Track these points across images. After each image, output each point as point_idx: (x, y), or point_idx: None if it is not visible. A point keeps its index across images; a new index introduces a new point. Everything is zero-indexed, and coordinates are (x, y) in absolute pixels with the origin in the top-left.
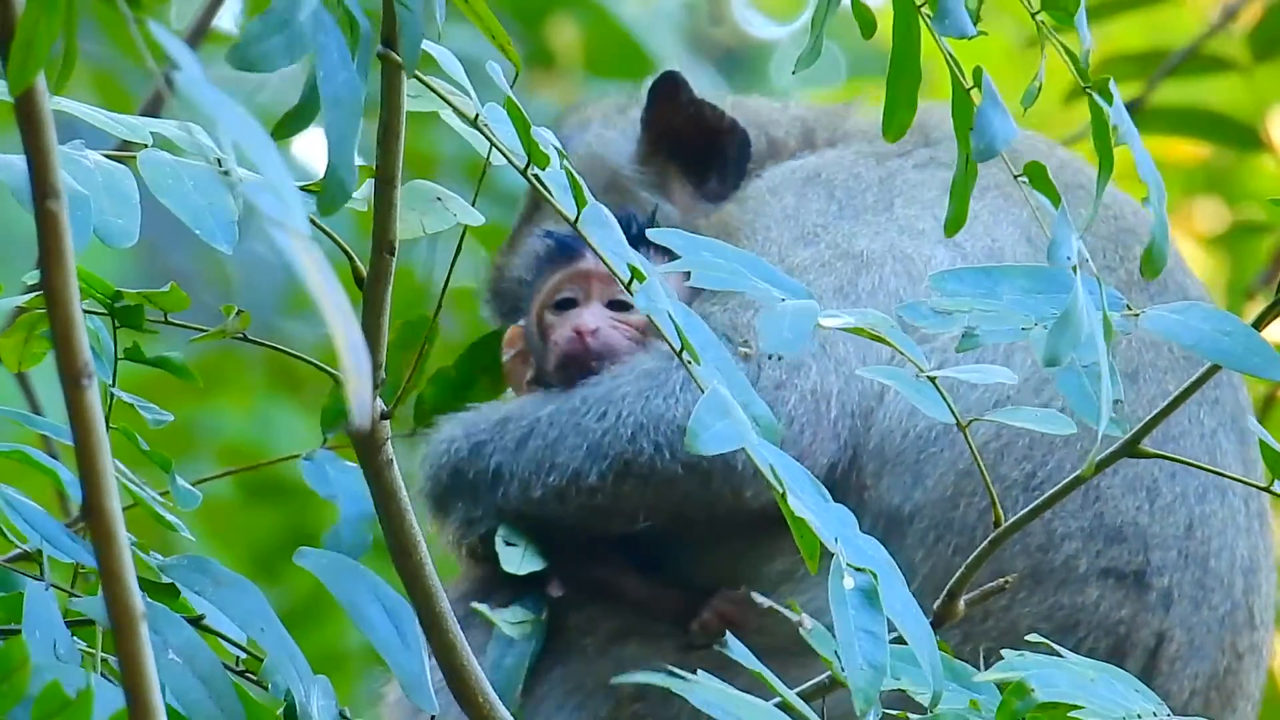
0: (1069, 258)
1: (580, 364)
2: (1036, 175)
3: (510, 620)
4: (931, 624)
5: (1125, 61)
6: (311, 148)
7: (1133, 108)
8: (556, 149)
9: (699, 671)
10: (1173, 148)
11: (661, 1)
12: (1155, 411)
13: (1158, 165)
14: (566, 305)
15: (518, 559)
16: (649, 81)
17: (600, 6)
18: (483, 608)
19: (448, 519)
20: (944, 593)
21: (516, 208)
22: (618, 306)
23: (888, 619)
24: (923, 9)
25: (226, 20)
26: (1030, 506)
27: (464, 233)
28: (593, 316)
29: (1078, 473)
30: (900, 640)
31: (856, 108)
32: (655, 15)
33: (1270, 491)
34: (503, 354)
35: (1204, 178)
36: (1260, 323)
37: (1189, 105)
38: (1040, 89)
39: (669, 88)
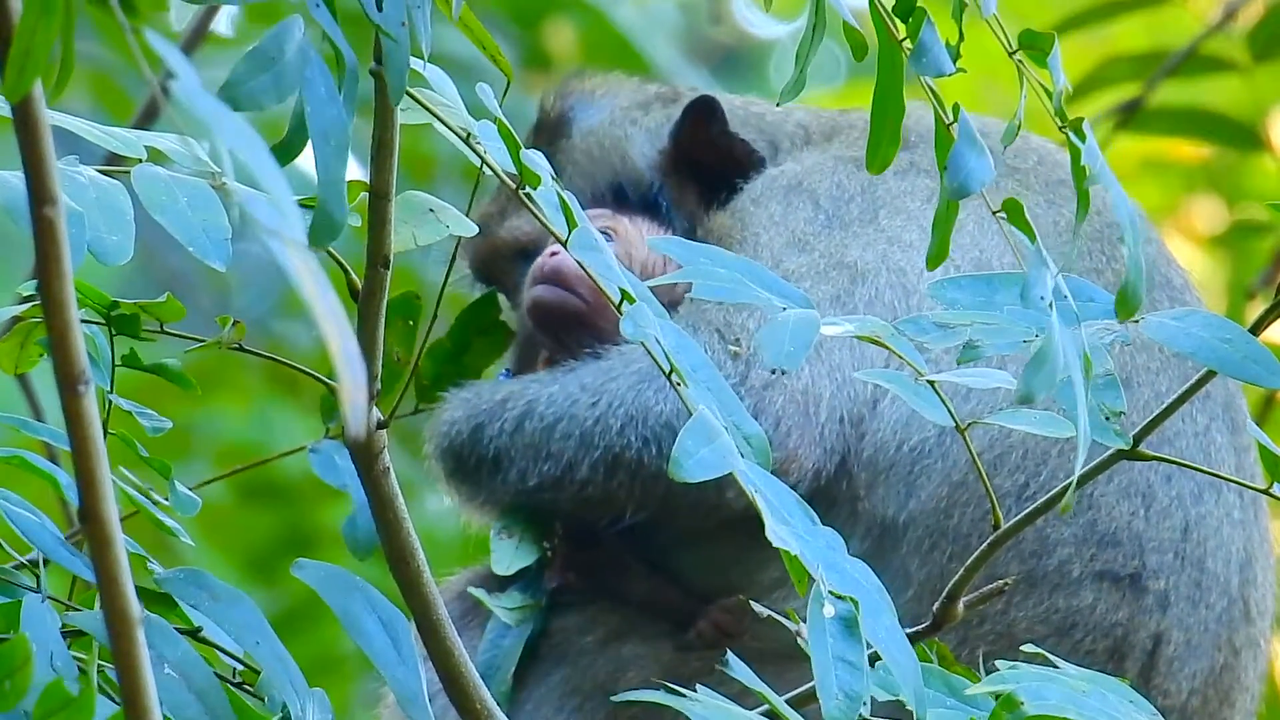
0: (1044, 297)
1: (539, 307)
2: (1013, 212)
3: (507, 606)
4: (931, 626)
5: (1125, 61)
6: (309, 156)
7: (1133, 108)
8: (550, 174)
9: (697, 686)
10: (1173, 147)
11: (658, 3)
12: (1150, 418)
13: (1158, 164)
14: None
15: (508, 556)
16: (687, 99)
17: (596, 9)
18: (479, 593)
19: (455, 499)
20: (943, 595)
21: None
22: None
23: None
24: (904, 43)
25: (224, 25)
26: (1028, 510)
27: (459, 241)
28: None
29: (1074, 477)
30: None
31: (854, 116)
32: (651, 17)
33: (1270, 494)
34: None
35: (1204, 177)
36: (1259, 326)
37: (1189, 105)
38: (1019, 127)
39: (705, 113)
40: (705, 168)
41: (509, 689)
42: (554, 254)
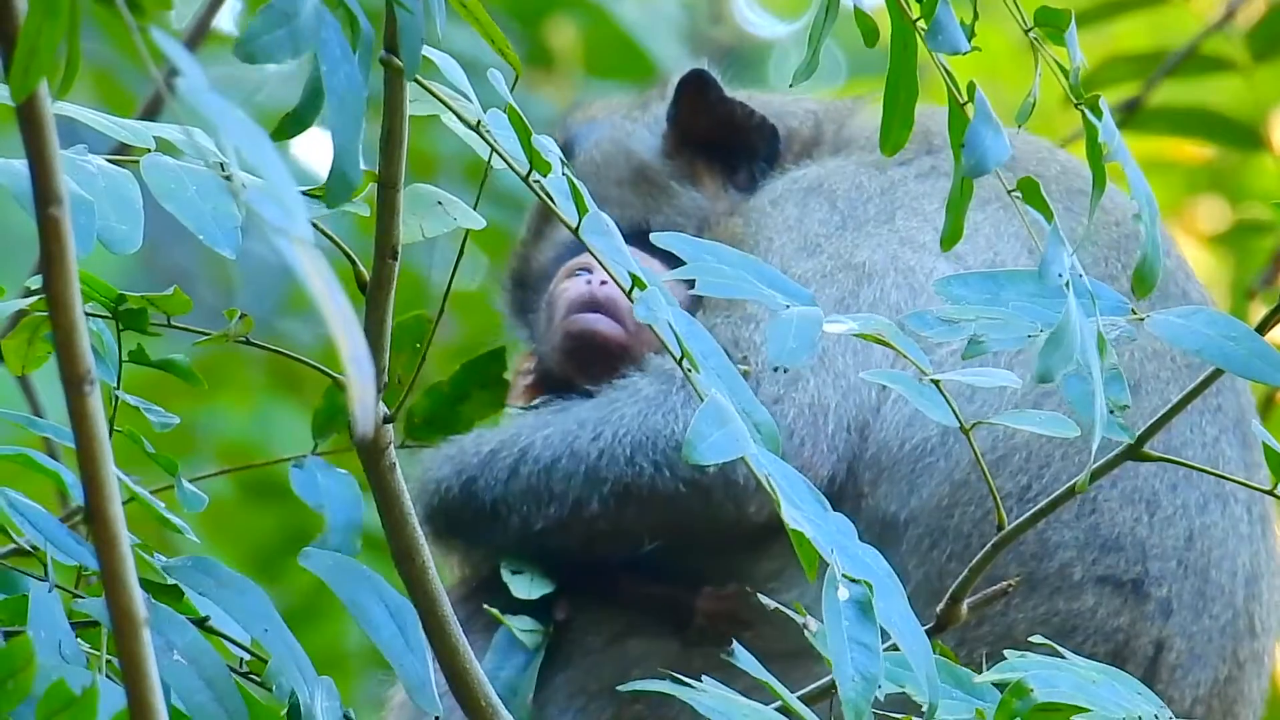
0: (1060, 274)
1: (586, 334)
2: (1029, 191)
3: (522, 629)
4: (935, 627)
5: (1126, 61)
6: (312, 150)
7: (1133, 108)
8: (560, 159)
9: (703, 677)
10: (1176, 147)
11: (660, 2)
12: (1156, 417)
13: (1161, 164)
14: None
15: (526, 584)
16: (676, 78)
17: (599, 7)
18: (496, 611)
19: (448, 555)
20: (947, 596)
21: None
22: None
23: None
24: (918, 24)
25: (226, 21)
26: (1032, 511)
27: (466, 236)
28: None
29: (1078, 479)
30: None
31: (863, 107)
32: (654, 16)
33: (1274, 495)
34: (519, 372)
35: (1207, 177)
36: (1264, 327)
37: (1189, 105)
38: (1035, 104)
39: (697, 85)
40: (712, 142)
41: (529, 715)
42: (605, 281)
